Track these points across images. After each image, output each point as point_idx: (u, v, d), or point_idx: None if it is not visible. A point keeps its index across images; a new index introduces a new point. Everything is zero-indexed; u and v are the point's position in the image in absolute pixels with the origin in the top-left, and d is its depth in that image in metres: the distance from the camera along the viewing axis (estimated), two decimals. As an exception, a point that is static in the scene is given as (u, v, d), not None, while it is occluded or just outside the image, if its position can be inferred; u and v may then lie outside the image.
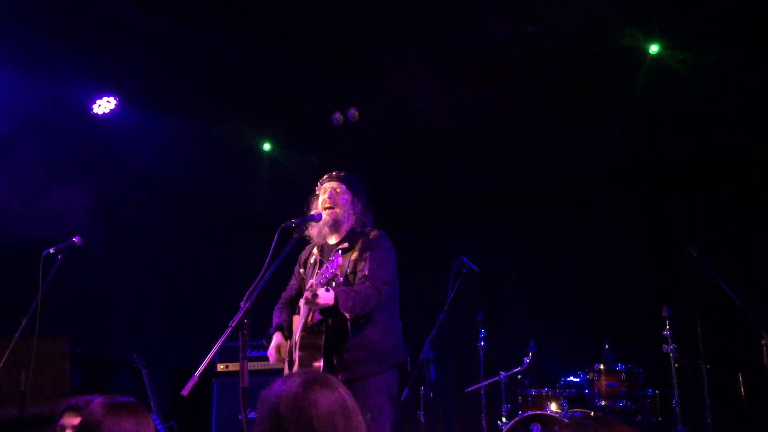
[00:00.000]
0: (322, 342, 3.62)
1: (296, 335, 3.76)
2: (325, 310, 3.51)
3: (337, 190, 3.86)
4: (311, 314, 3.64)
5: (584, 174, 6.82)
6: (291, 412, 1.69)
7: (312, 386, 1.73)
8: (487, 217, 7.42)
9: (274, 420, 1.71)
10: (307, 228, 3.84)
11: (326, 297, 3.38)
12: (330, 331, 3.64)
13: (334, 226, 3.84)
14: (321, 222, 3.80)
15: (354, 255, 3.74)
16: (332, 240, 3.90)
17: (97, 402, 2.37)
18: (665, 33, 5.98)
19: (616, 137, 6.61)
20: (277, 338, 3.91)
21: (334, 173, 3.95)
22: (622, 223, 6.60)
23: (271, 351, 3.89)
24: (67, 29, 5.71)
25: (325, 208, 3.84)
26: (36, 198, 6.20)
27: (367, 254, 3.72)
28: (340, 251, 3.54)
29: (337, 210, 3.83)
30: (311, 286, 3.39)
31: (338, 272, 3.31)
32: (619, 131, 6.60)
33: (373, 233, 3.85)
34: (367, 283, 3.61)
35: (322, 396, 1.72)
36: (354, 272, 3.72)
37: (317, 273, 3.64)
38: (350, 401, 1.79)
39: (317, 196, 3.95)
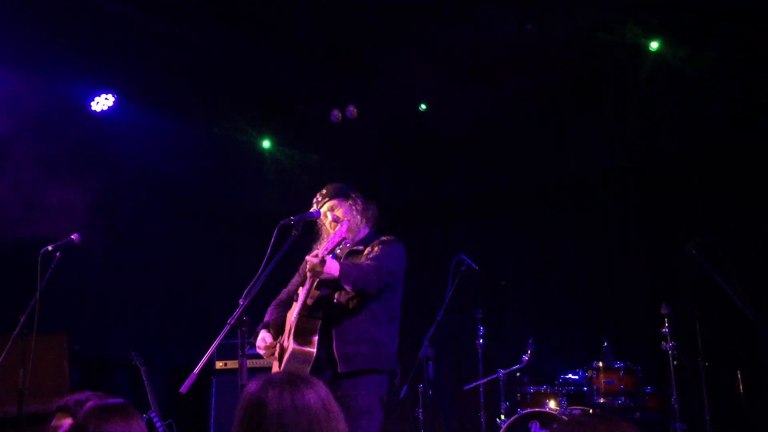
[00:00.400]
0: (318, 327, 3.60)
1: (292, 319, 3.75)
2: (328, 283, 3.51)
3: (334, 207, 3.87)
4: (311, 291, 3.61)
5: (584, 174, 6.82)
6: (246, 409, 1.79)
7: (268, 387, 1.81)
8: (487, 216, 7.42)
9: (238, 418, 1.82)
10: (322, 236, 3.89)
11: (331, 266, 3.40)
12: (331, 321, 3.64)
13: (354, 233, 3.86)
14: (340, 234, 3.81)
15: (366, 250, 3.80)
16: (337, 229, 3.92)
17: (87, 406, 2.38)
18: (665, 32, 5.98)
19: (616, 137, 6.62)
20: (261, 334, 3.90)
21: (319, 198, 3.90)
22: (622, 222, 6.61)
23: (259, 345, 3.88)
24: (66, 28, 5.72)
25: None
26: (34, 196, 6.20)
27: (379, 247, 3.78)
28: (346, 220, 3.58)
29: (350, 222, 3.84)
30: (316, 254, 3.38)
31: (347, 236, 3.30)
32: (619, 131, 6.60)
33: (390, 237, 3.90)
34: (371, 262, 3.65)
35: (273, 395, 1.77)
36: None
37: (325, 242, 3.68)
38: (307, 400, 1.81)
39: (324, 224, 3.93)
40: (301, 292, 3.71)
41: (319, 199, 3.90)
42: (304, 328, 3.63)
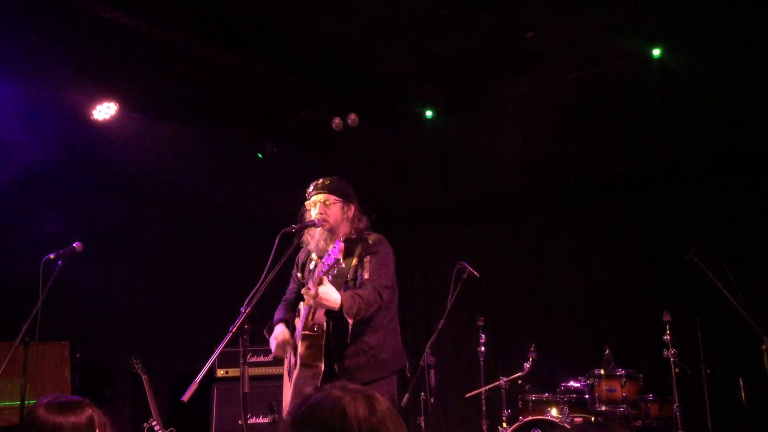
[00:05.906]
0: (323, 342, 3.61)
1: (296, 336, 3.75)
2: (330, 313, 3.51)
3: (326, 202, 3.80)
4: (311, 314, 3.62)
5: (584, 178, 6.81)
6: (325, 413, 1.71)
7: (348, 394, 1.78)
8: (486, 222, 7.41)
9: (310, 419, 1.73)
10: (306, 234, 3.85)
11: (332, 298, 3.39)
12: (331, 337, 3.64)
13: (331, 234, 3.83)
14: (318, 231, 3.80)
15: (353, 261, 3.74)
16: (331, 246, 3.89)
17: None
18: (665, 37, 6.00)
19: (616, 142, 6.62)
20: (280, 328, 3.85)
21: (319, 183, 3.85)
22: (623, 228, 6.60)
23: (274, 340, 3.83)
24: (67, 36, 5.74)
25: None
26: (36, 202, 6.22)
27: (368, 259, 3.71)
28: (341, 238, 3.50)
29: (330, 221, 3.81)
30: (309, 288, 3.37)
31: (340, 257, 3.28)
32: (620, 136, 6.60)
33: (372, 238, 3.83)
34: (369, 287, 3.60)
35: (356, 401, 1.74)
36: (354, 278, 3.72)
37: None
38: (383, 409, 1.82)
39: (308, 210, 3.92)
40: (303, 308, 3.71)
41: (318, 186, 3.84)
42: (310, 344, 3.64)
